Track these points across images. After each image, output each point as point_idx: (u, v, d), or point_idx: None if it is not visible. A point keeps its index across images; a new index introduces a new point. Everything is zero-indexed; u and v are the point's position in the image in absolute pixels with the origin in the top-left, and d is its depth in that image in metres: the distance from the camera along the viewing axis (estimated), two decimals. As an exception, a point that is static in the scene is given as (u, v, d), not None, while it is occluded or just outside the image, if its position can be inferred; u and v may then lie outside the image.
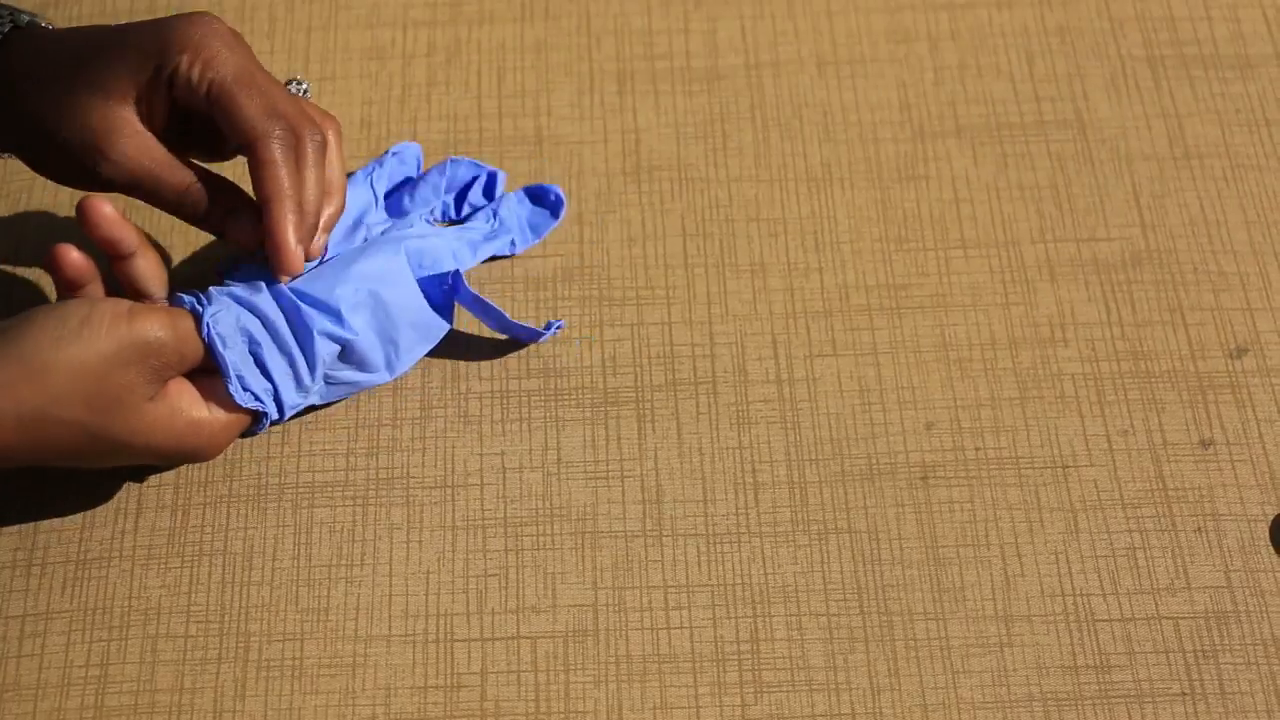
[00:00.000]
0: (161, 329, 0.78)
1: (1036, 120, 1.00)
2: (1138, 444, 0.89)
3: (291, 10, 1.05)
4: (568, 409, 0.91)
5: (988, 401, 0.91)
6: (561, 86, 1.02)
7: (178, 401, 0.79)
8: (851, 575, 0.86)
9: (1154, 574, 0.86)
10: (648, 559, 0.86)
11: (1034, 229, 0.96)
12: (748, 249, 0.96)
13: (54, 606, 0.84)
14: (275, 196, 0.81)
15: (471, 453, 0.89)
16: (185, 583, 0.85)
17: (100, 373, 0.76)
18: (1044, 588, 0.85)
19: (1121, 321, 0.93)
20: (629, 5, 1.06)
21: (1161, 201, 0.97)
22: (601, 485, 0.88)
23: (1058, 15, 1.05)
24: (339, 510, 0.87)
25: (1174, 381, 0.91)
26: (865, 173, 0.99)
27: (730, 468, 0.89)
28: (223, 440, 0.82)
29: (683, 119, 1.01)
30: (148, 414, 0.78)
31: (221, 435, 0.82)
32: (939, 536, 0.87)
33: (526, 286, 0.94)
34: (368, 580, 0.85)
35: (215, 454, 0.82)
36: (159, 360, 0.78)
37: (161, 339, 0.77)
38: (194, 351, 0.80)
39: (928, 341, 0.93)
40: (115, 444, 0.78)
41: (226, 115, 0.81)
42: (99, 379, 0.76)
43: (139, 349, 0.77)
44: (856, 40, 1.04)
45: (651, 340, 0.93)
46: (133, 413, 0.77)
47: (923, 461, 0.89)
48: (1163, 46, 1.03)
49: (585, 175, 0.99)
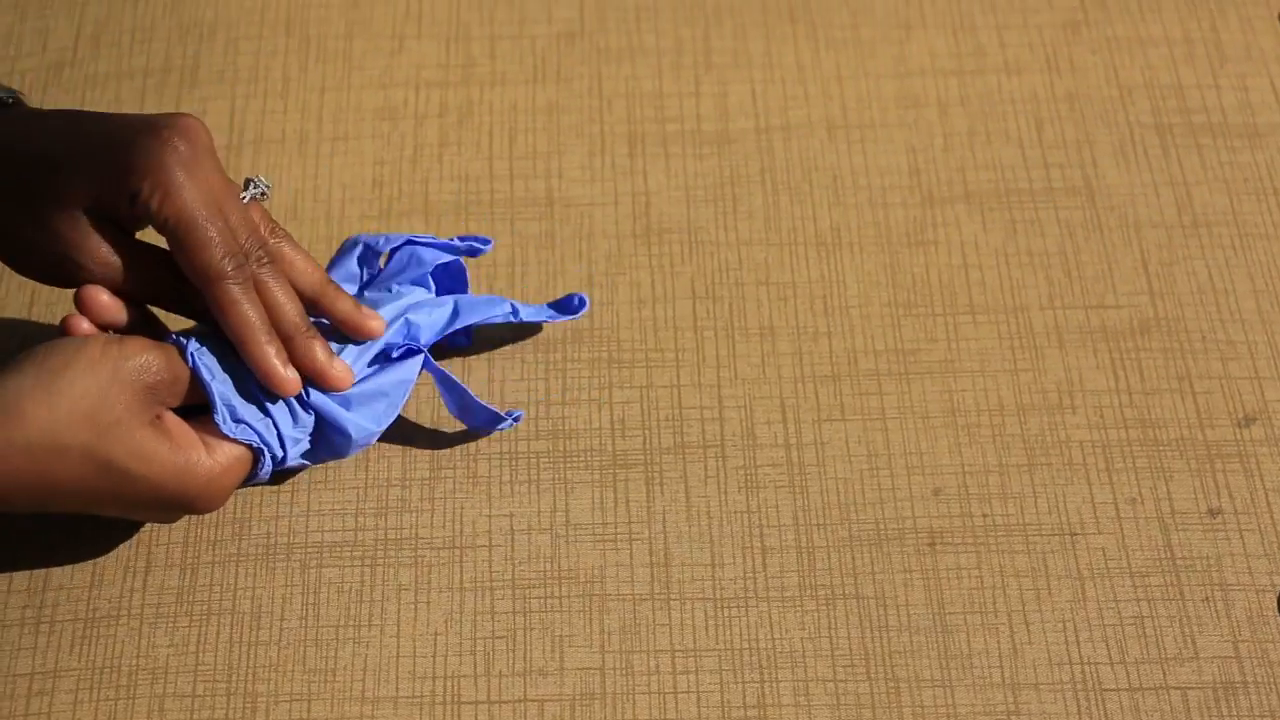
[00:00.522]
0: (151, 349, 0.80)
1: (1045, 187, 1.01)
2: (1146, 512, 0.89)
3: (305, 70, 1.06)
4: (576, 471, 0.91)
5: (995, 468, 0.91)
6: (573, 148, 1.03)
7: (177, 440, 0.80)
8: (859, 641, 0.86)
9: (1162, 643, 0.86)
10: (655, 622, 0.86)
11: (1042, 295, 0.97)
12: (757, 312, 0.96)
13: (62, 665, 0.84)
14: (247, 336, 0.82)
15: (480, 514, 0.89)
16: (193, 642, 0.85)
17: (99, 394, 0.77)
18: (1051, 656, 0.85)
19: (1130, 389, 0.93)
20: (640, 68, 1.06)
21: (1170, 269, 0.97)
22: (610, 548, 0.88)
23: (1066, 82, 1.05)
24: (347, 570, 0.87)
25: (1182, 450, 0.91)
26: (874, 237, 0.99)
27: (738, 531, 0.89)
28: (221, 485, 0.82)
29: (693, 182, 1.01)
30: (147, 441, 0.79)
31: (221, 480, 0.82)
32: (946, 603, 0.87)
33: (536, 348, 0.94)
34: (375, 641, 0.85)
35: (216, 503, 0.82)
36: (153, 379, 0.79)
37: (151, 358, 0.79)
38: (185, 375, 0.81)
39: (936, 407, 0.93)
40: (118, 473, 0.78)
41: (182, 256, 0.82)
42: (99, 400, 0.77)
43: (134, 369, 0.79)
44: (866, 105, 1.05)
45: (660, 403, 0.93)
46: (133, 436, 0.78)
47: (930, 527, 0.89)
48: (1171, 114, 1.04)
49: (596, 237, 0.99)
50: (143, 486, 0.79)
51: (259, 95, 1.05)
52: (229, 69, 1.06)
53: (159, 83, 1.06)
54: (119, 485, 0.79)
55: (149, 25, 1.08)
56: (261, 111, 1.04)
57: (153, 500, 0.80)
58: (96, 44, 1.07)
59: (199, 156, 0.82)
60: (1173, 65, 1.06)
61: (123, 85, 1.05)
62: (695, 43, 1.08)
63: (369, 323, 0.86)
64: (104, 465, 0.78)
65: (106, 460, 0.78)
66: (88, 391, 0.77)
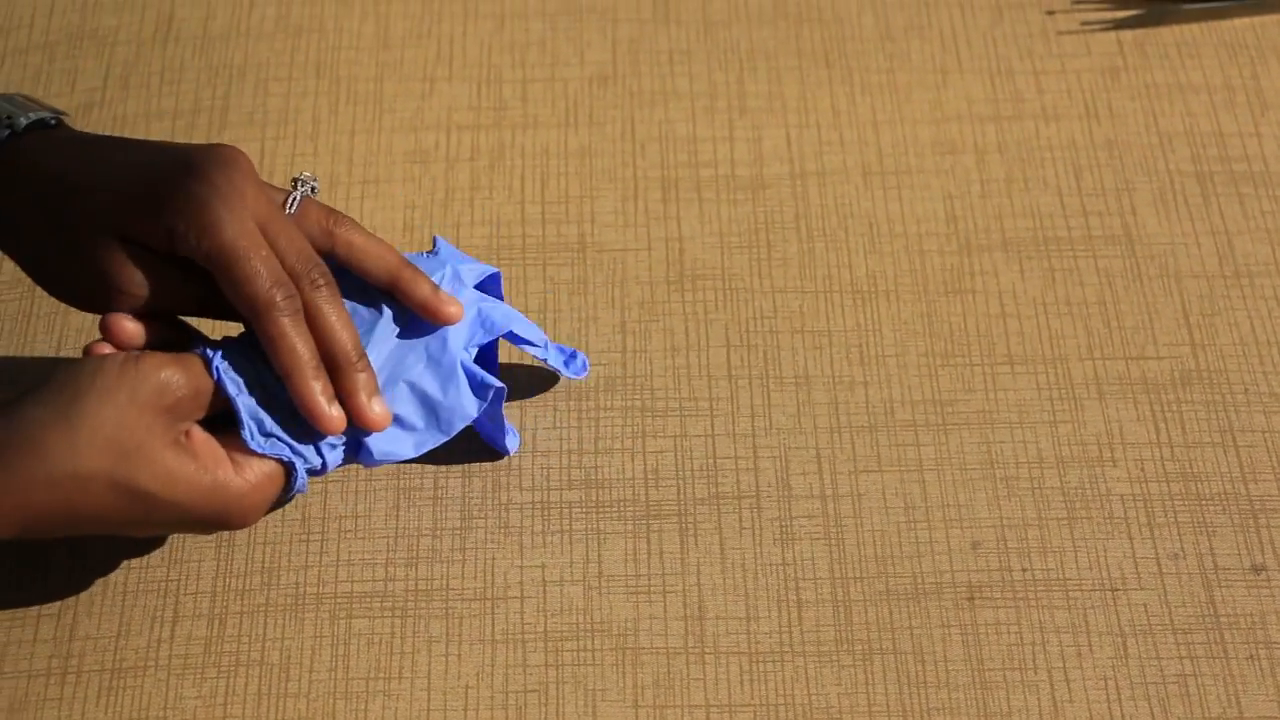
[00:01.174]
0: (169, 365, 0.78)
1: (1084, 235, 1.00)
2: (1188, 568, 0.88)
3: (335, 113, 1.05)
4: (609, 521, 0.90)
5: (1035, 521, 0.90)
6: (605, 193, 1.02)
7: (204, 459, 0.78)
8: (896, 698, 0.84)
9: (1205, 703, 0.84)
10: (689, 677, 0.85)
11: (1082, 346, 0.95)
12: (792, 361, 0.95)
13: (88, 717, 0.83)
14: (294, 369, 0.80)
15: (512, 564, 0.88)
16: (221, 694, 0.84)
17: (118, 419, 0.76)
18: (1093, 713, 0.84)
19: (1171, 442, 0.92)
20: (674, 112, 1.05)
21: (1211, 320, 0.96)
22: (643, 600, 0.87)
23: (1105, 129, 1.04)
24: (377, 621, 0.86)
25: (1225, 504, 0.90)
26: (911, 285, 0.98)
27: (773, 584, 0.88)
28: (253, 503, 0.80)
29: (727, 228, 1.00)
30: (171, 462, 0.77)
31: (252, 497, 0.80)
32: (985, 659, 0.85)
33: (569, 396, 0.93)
34: (405, 694, 0.84)
35: (250, 519, 0.80)
36: (173, 398, 0.77)
37: (170, 375, 0.77)
38: (208, 388, 0.79)
39: (974, 459, 0.92)
40: (144, 498, 0.77)
41: (227, 286, 0.80)
42: (118, 425, 0.76)
43: (152, 389, 0.77)
44: (902, 151, 1.04)
45: (695, 453, 0.92)
46: (156, 459, 0.77)
47: (969, 581, 0.88)
48: (1211, 163, 1.03)
49: (628, 283, 0.98)
50: (171, 509, 0.78)
51: (289, 137, 1.04)
52: (259, 111, 1.05)
53: (188, 124, 1.05)
54: (147, 509, 0.77)
55: (178, 67, 1.07)
56: (291, 154, 1.03)
57: (182, 521, 0.79)
58: (125, 85, 1.07)
59: (238, 188, 0.80)
60: (1213, 112, 1.05)
61: (152, 126, 1.05)
62: (729, 87, 1.07)
63: (447, 308, 0.84)
64: (129, 491, 0.76)
65: (131, 486, 0.76)
66: (107, 418, 0.76)
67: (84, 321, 0.97)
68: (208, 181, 0.80)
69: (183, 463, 0.78)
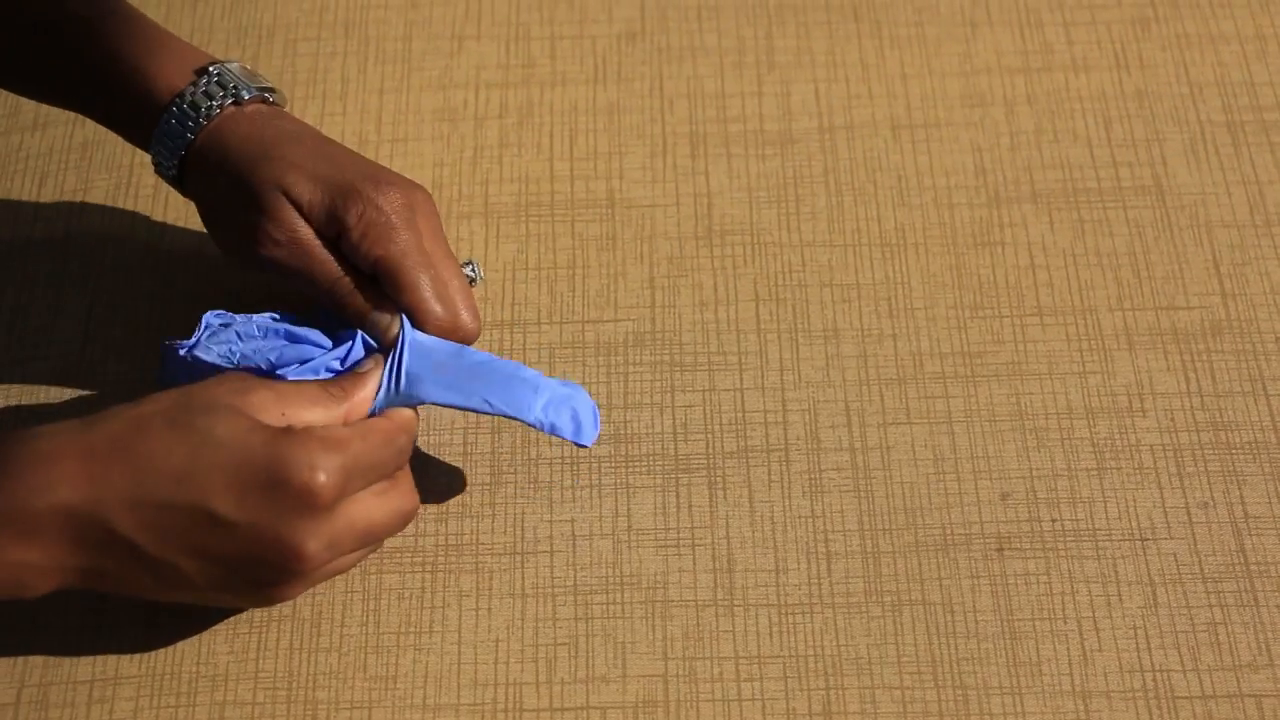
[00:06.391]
0: (304, 456, 0.75)
1: (1114, 186, 0.99)
2: (1218, 517, 0.88)
3: (364, 72, 1.05)
4: (638, 475, 0.90)
5: (1064, 472, 0.89)
6: (634, 149, 1.02)
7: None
8: (926, 648, 0.84)
9: (1236, 650, 0.84)
10: (719, 629, 0.85)
11: (1111, 297, 0.95)
12: (821, 314, 0.95)
13: (122, 671, 0.84)
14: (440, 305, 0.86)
15: (541, 519, 0.88)
16: (254, 649, 0.85)
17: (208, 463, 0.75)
18: (1123, 663, 0.84)
19: (1201, 391, 0.92)
20: (702, 68, 1.05)
21: (1242, 270, 0.96)
22: (672, 554, 0.87)
23: (1135, 80, 1.04)
24: (408, 576, 0.87)
25: (1255, 453, 0.90)
26: (940, 238, 0.98)
27: (802, 537, 0.88)
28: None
29: (756, 183, 1.00)
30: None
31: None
32: (1015, 609, 0.85)
33: (598, 351, 0.94)
34: (436, 648, 0.85)
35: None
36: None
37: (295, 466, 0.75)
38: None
39: (1003, 410, 0.91)
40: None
41: (394, 291, 0.84)
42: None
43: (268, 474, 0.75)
44: (931, 104, 1.03)
45: (723, 407, 0.92)
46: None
47: (998, 532, 0.88)
48: (1243, 112, 1.02)
49: (657, 239, 0.98)
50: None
51: (318, 97, 1.04)
52: (287, 71, 1.05)
53: (218, 85, 1.05)
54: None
55: (207, 27, 1.08)
56: (320, 114, 1.03)
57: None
58: (156, 47, 1.07)
59: (414, 216, 0.85)
60: (1244, 62, 1.05)
61: (182, 88, 1.05)
62: (758, 42, 1.06)
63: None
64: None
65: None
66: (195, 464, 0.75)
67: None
68: (389, 201, 0.85)
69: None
